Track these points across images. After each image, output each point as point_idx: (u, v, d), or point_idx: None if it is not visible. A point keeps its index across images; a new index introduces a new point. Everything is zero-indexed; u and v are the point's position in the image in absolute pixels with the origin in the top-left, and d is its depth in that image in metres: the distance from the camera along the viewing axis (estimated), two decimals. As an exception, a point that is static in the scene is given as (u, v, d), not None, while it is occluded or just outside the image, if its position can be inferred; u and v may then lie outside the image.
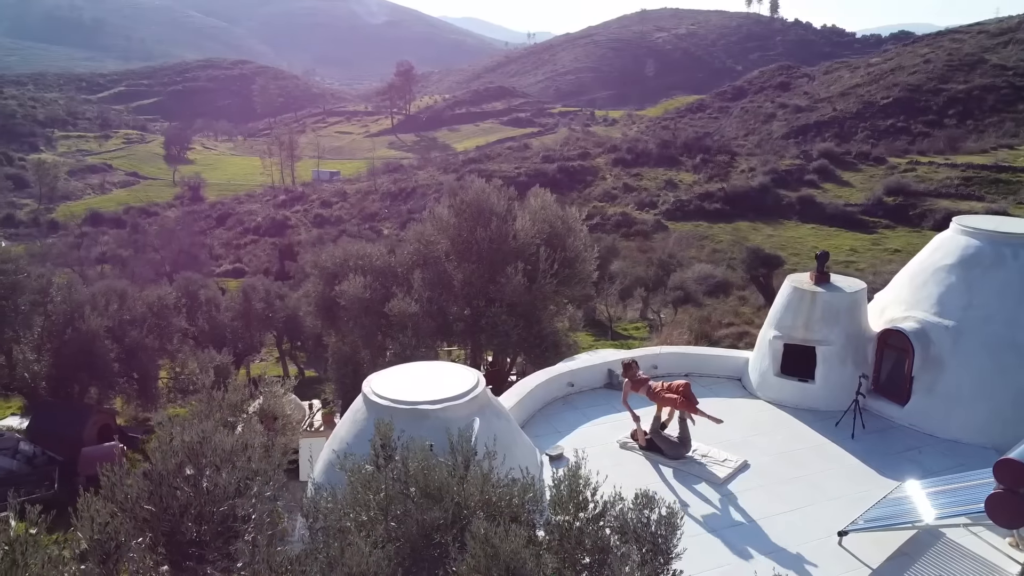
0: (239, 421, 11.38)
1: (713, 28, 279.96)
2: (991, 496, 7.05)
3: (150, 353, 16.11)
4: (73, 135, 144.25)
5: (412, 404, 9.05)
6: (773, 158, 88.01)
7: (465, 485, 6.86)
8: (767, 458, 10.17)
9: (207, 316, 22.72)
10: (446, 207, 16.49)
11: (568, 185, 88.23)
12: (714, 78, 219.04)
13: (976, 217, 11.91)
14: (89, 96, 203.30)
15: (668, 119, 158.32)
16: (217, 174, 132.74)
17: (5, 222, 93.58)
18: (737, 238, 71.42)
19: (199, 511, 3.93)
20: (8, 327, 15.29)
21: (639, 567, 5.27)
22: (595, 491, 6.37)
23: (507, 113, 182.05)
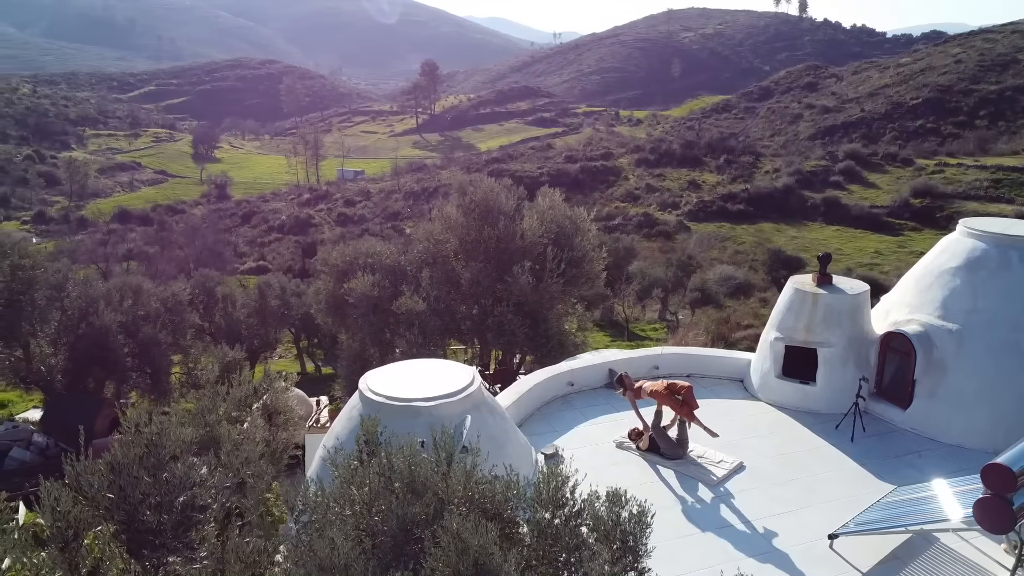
0: (244, 416, 11.57)
1: (740, 28, 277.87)
2: (979, 501, 6.97)
3: (163, 348, 16.37)
4: (104, 134, 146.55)
5: (405, 401, 9.13)
6: (798, 159, 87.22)
7: (448, 481, 6.91)
8: (764, 460, 10.13)
9: (223, 312, 23.04)
10: (455, 206, 16.58)
11: (590, 185, 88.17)
12: (741, 78, 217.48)
13: (983, 219, 11.75)
14: (120, 95, 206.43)
15: (693, 119, 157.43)
16: (243, 173, 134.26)
17: (36, 219, 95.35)
18: (760, 239, 70.92)
19: (159, 501, 4.04)
20: (25, 321, 15.62)
21: (610, 564, 5.29)
22: (574, 489, 6.39)
23: (531, 113, 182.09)
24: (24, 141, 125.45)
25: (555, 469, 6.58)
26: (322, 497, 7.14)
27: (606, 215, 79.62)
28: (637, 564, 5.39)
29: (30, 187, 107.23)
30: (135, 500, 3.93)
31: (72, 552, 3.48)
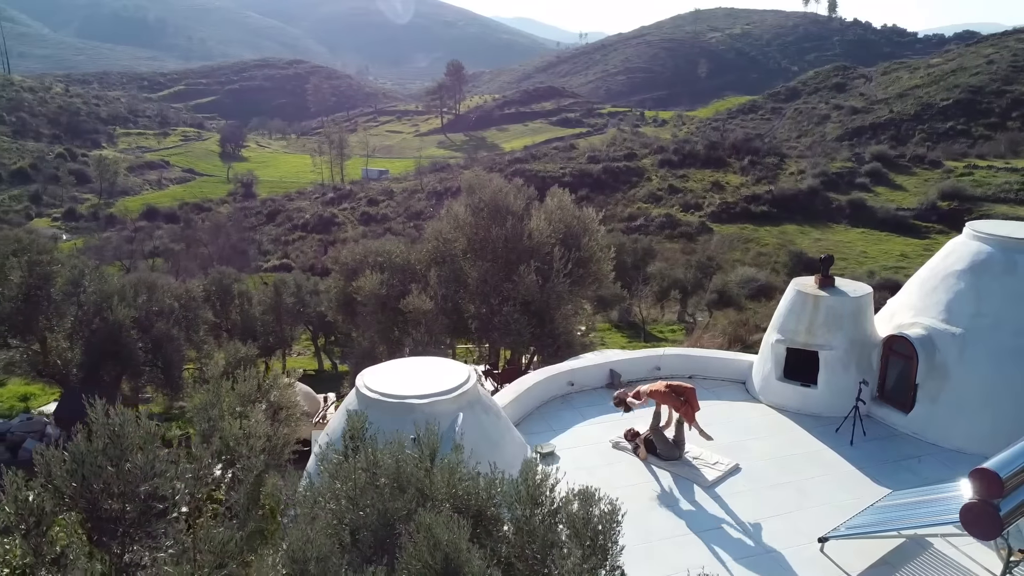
0: (247, 411, 11.73)
1: (768, 28, 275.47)
2: (965, 506, 6.92)
3: (176, 344, 16.64)
4: (133, 132, 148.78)
5: (400, 398, 9.24)
6: (823, 160, 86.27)
7: (432, 477, 6.98)
8: (760, 462, 10.09)
9: (239, 309, 23.33)
10: (464, 205, 16.67)
11: (613, 186, 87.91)
12: (768, 79, 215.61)
13: (990, 222, 11.63)
14: (150, 95, 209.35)
15: (719, 120, 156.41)
16: (270, 171, 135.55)
17: (67, 216, 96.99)
18: (783, 241, 70.29)
19: (121, 490, 4.15)
20: (42, 315, 15.96)
21: (580, 562, 5.33)
22: (553, 487, 6.43)
23: (556, 113, 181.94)
24: (56, 139, 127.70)
25: (535, 467, 6.63)
26: (309, 491, 7.28)
27: (628, 216, 79.44)
28: (606, 562, 5.41)
29: (61, 185, 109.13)
30: (97, 489, 4.05)
31: (36, 539, 3.59)
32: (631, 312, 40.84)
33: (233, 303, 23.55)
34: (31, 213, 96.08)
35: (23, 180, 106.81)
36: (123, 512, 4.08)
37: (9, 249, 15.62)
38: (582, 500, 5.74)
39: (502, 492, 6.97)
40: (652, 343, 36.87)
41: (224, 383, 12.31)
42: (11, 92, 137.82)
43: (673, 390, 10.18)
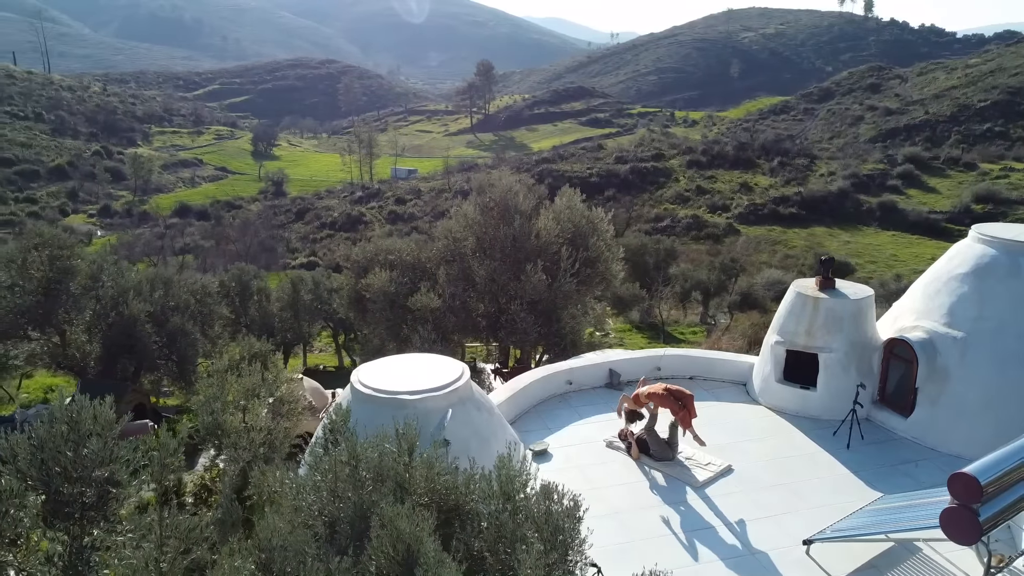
0: (249, 405, 11.95)
1: (803, 28, 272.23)
2: (945, 511, 6.85)
3: (190, 338, 16.95)
4: (168, 131, 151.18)
5: (391, 394, 9.34)
6: (854, 162, 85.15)
7: (411, 471, 7.08)
8: (754, 464, 10.04)
9: (257, 306, 23.68)
10: (473, 204, 16.77)
11: (639, 186, 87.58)
12: (801, 79, 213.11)
13: (997, 225, 11.45)
14: (185, 94, 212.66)
15: (750, 121, 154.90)
16: (300, 170, 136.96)
17: (102, 212, 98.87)
18: (812, 244, 69.51)
19: (79, 475, 4.30)
20: (61, 309, 16.36)
21: (543, 555, 5.39)
22: (525, 483, 6.49)
23: (586, 113, 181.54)
24: (93, 137, 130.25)
25: (508, 463, 6.69)
26: (292, 483, 7.42)
27: (654, 217, 79.08)
28: (567, 557, 5.46)
29: (97, 182, 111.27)
30: (56, 473, 4.21)
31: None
32: (652, 313, 40.67)
33: (252, 299, 23.89)
34: (67, 209, 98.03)
35: (61, 177, 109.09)
36: (81, 495, 4.24)
37: (31, 244, 16.03)
38: (542, 496, 5.79)
39: (478, 488, 7.05)
40: (671, 344, 36.70)
41: (228, 378, 12.57)
42: (51, 91, 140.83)
43: (672, 395, 10.17)
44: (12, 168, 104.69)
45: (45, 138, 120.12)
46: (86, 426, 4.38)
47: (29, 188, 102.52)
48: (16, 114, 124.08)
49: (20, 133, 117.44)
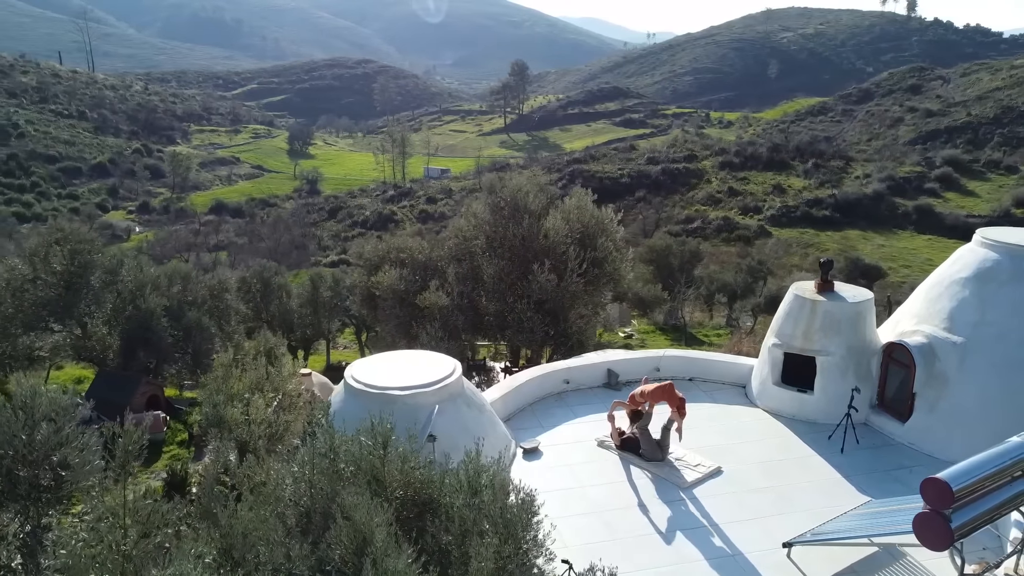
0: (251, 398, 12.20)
1: (843, 28, 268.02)
2: (918, 516, 6.81)
3: (206, 333, 17.32)
4: (207, 129, 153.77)
5: (382, 389, 9.50)
6: (891, 164, 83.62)
7: (385, 464, 7.21)
8: (744, 466, 10.01)
9: (278, 302, 24.08)
10: (484, 203, 16.89)
11: (671, 187, 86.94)
12: (841, 80, 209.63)
13: (1003, 229, 11.28)
14: (224, 93, 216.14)
15: (786, 122, 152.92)
16: (335, 169, 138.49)
17: (141, 209, 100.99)
18: (845, 247, 68.45)
19: (33, 458, 4.49)
20: (82, 302, 16.82)
21: (496, 548, 5.48)
22: (492, 480, 6.57)
23: (620, 114, 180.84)
24: (134, 135, 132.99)
25: (475, 458, 6.79)
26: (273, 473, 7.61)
27: (685, 218, 78.45)
28: (520, 550, 5.54)
29: (137, 179, 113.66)
30: (10, 456, 4.41)
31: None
32: (677, 314, 40.43)
33: (273, 296, 24.30)
34: (107, 206, 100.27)
35: (102, 174, 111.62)
36: (35, 478, 4.44)
37: (52, 238, 16.51)
38: (495, 490, 5.87)
39: (448, 482, 7.16)
40: (694, 346, 36.48)
41: (233, 371, 12.83)
42: (94, 90, 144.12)
43: (663, 390, 10.20)
44: (56, 165, 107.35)
45: (88, 136, 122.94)
46: (40, 411, 4.58)
47: (72, 185, 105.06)
48: (61, 112, 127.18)
49: (64, 131, 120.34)
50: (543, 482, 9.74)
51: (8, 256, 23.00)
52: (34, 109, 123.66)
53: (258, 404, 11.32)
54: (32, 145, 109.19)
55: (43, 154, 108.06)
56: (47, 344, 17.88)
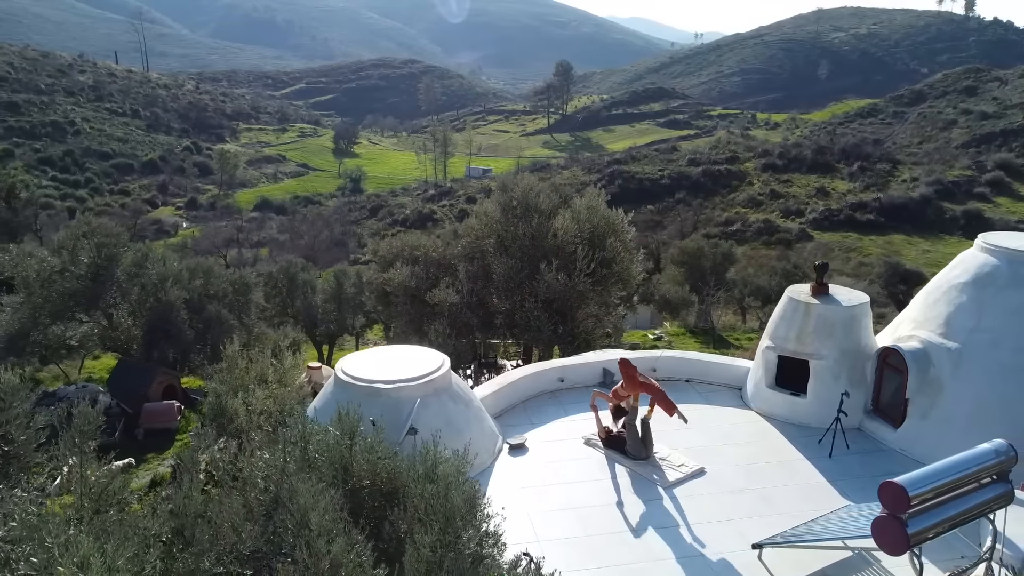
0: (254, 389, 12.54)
1: (897, 28, 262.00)
2: (876, 520, 6.78)
3: (226, 326, 17.81)
4: (255, 128, 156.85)
5: (368, 382, 9.73)
6: (940, 168, 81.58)
7: (352, 454, 7.42)
8: (728, 468, 9.99)
9: (303, 298, 24.58)
10: (495, 202, 17.05)
11: (711, 189, 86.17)
12: (894, 81, 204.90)
13: (1005, 234, 11.05)
14: (273, 92, 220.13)
15: (835, 124, 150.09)
16: (378, 167, 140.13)
17: (189, 205, 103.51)
18: (888, 251, 67.11)
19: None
20: (107, 294, 17.44)
21: (437, 537, 5.63)
22: (433, 471, 6.72)
23: (664, 115, 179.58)
24: (185, 133, 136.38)
25: (434, 448, 6.94)
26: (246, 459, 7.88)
27: (724, 220, 77.63)
28: (458, 539, 5.67)
29: (186, 176, 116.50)
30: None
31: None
32: (708, 317, 40.11)
33: (298, 291, 24.81)
34: (157, 202, 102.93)
35: (153, 170, 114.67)
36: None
37: (80, 232, 17.15)
38: (444, 483, 6.02)
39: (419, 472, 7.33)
40: (722, 349, 36.16)
41: (239, 363, 13.20)
42: (148, 89, 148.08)
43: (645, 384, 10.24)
44: (109, 161, 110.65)
45: (140, 133, 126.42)
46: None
47: (123, 181, 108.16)
48: (115, 110, 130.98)
49: (118, 128, 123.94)
50: (525, 477, 9.89)
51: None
52: (90, 107, 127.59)
53: (258, 395, 11.64)
54: (87, 142, 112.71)
55: (97, 151, 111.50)
56: (77, 334, 18.56)
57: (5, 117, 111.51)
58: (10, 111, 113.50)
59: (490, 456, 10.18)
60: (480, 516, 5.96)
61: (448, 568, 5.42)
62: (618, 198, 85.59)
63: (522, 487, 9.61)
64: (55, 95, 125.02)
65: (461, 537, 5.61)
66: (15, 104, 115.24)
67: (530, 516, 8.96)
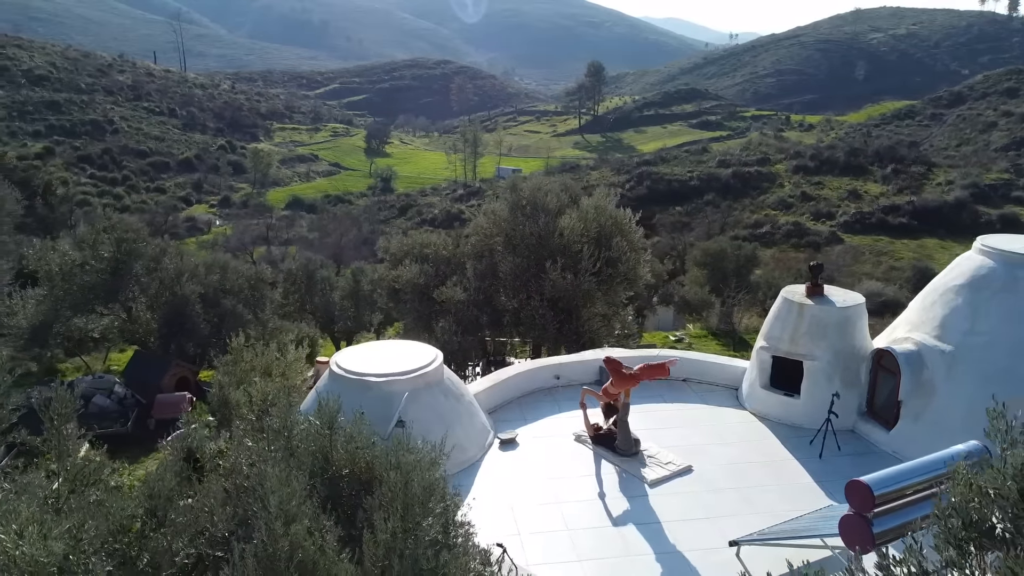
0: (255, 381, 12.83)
1: (938, 28, 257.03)
2: (843, 518, 6.82)
3: (240, 320, 18.17)
4: (288, 127, 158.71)
5: (360, 375, 9.93)
6: (976, 171, 79.98)
7: (332, 443, 7.62)
8: (716, 467, 10.03)
9: (321, 294, 24.95)
10: (504, 202, 17.19)
11: (741, 191, 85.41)
12: (933, 83, 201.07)
13: (1004, 236, 10.92)
14: (307, 92, 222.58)
15: (870, 126, 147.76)
16: (409, 167, 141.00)
17: (222, 203, 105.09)
18: (920, 255, 66.08)
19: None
20: (127, 288, 17.91)
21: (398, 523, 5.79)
22: (396, 461, 6.88)
23: (696, 116, 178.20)
24: (220, 132, 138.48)
25: (401, 437, 7.11)
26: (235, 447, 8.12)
27: (753, 222, 76.90)
28: (418, 528, 5.82)
29: (220, 174, 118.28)
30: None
31: None
32: (730, 319, 39.85)
33: (317, 288, 25.19)
34: (191, 199, 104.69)
35: (188, 169, 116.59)
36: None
37: (100, 227, 17.63)
38: (405, 472, 6.17)
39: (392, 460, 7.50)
40: (743, 352, 35.91)
41: (245, 356, 13.50)
42: (185, 88, 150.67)
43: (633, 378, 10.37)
44: (146, 159, 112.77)
45: (176, 132, 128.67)
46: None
47: (159, 179, 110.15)
48: (152, 109, 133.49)
49: (155, 127, 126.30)
50: (512, 471, 10.03)
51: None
52: (128, 107, 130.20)
53: (259, 387, 11.92)
54: (125, 140, 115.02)
55: (134, 149, 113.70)
56: (99, 327, 19.07)
57: (47, 116, 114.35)
58: (51, 110, 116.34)
59: (480, 450, 10.33)
60: (436, 504, 6.10)
61: (403, 553, 5.57)
62: (646, 199, 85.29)
63: (508, 481, 9.75)
64: (95, 94, 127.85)
65: (421, 524, 5.76)
66: (56, 103, 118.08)
67: (513, 509, 9.09)
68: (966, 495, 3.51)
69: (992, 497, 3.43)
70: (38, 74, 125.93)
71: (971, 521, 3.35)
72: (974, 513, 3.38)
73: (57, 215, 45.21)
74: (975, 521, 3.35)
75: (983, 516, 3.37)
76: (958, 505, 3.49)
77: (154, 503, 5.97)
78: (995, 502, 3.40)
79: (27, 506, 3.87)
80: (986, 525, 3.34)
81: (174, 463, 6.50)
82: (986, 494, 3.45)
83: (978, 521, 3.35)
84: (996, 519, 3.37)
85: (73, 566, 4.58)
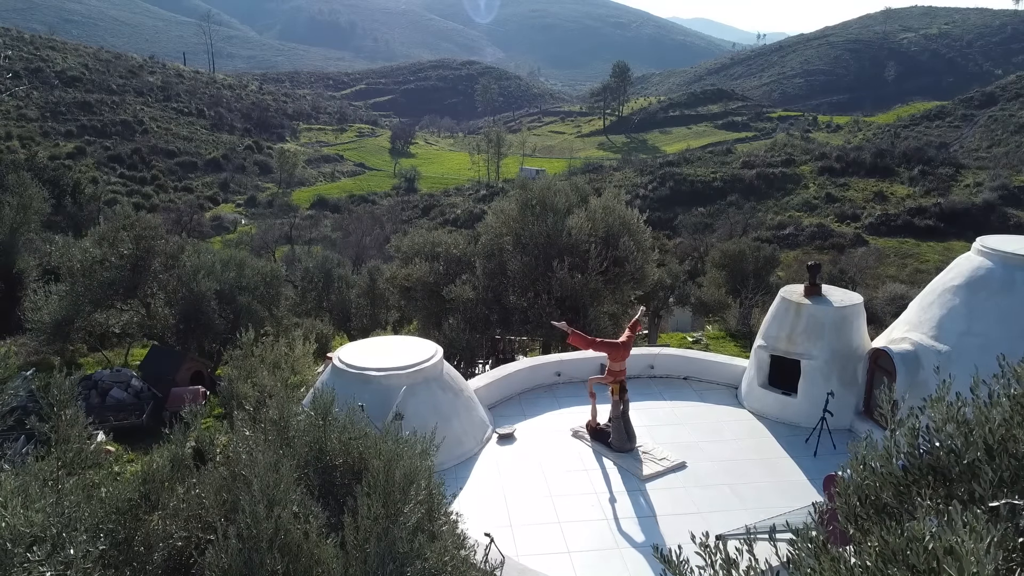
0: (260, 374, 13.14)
1: (970, 28, 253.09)
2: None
3: (255, 316, 18.54)
4: (315, 127, 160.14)
5: (360, 369, 10.18)
6: (1006, 172, 78.76)
7: (327, 434, 7.87)
8: (710, 463, 10.14)
9: (338, 292, 25.31)
10: (513, 201, 17.39)
11: (765, 192, 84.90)
12: (966, 83, 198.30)
13: (1003, 237, 10.90)
14: (334, 93, 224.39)
15: (898, 127, 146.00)
16: (433, 167, 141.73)
17: (248, 203, 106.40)
18: (947, 259, 65.07)
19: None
20: (145, 283, 18.35)
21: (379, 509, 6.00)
22: (379, 451, 7.10)
23: (722, 116, 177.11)
24: (247, 133, 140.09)
25: (392, 429, 7.33)
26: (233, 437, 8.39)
27: (777, 224, 76.39)
28: (399, 517, 6.03)
29: (247, 174, 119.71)
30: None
31: None
32: (748, 320, 39.67)
33: (334, 286, 25.55)
34: (218, 199, 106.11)
35: (215, 169, 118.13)
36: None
37: (119, 224, 18.09)
38: (386, 461, 6.38)
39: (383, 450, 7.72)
40: (760, 354, 35.76)
41: (254, 351, 13.82)
42: (213, 89, 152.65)
43: None
44: (174, 159, 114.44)
45: (204, 132, 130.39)
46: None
47: (187, 178, 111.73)
48: (181, 110, 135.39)
49: (183, 128, 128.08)
50: (508, 465, 10.21)
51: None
52: (158, 107, 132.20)
53: (266, 379, 12.22)
54: (154, 140, 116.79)
55: (163, 149, 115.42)
56: (119, 322, 19.55)
57: (78, 116, 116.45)
58: (83, 110, 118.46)
59: (477, 444, 10.53)
60: (418, 492, 6.31)
61: (380, 537, 5.78)
62: (669, 200, 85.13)
63: (504, 474, 9.93)
64: (126, 95, 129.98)
65: (402, 510, 5.97)
66: (88, 103, 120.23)
67: (507, 501, 9.27)
68: (861, 474, 3.67)
69: (882, 475, 3.58)
70: (71, 75, 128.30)
71: (865, 498, 3.49)
72: (867, 491, 3.52)
73: (85, 213, 46.13)
74: (870, 499, 3.48)
75: (876, 493, 3.51)
76: (853, 483, 3.65)
77: (149, 487, 6.24)
78: (885, 479, 3.54)
79: (12, 480, 4.13)
80: (879, 502, 3.48)
81: (174, 449, 6.77)
82: (877, 472, 3.61)
83: (874, 499, 3.48)
84: (887, 496, 3.50)
85: (64, 542, 4.85)
